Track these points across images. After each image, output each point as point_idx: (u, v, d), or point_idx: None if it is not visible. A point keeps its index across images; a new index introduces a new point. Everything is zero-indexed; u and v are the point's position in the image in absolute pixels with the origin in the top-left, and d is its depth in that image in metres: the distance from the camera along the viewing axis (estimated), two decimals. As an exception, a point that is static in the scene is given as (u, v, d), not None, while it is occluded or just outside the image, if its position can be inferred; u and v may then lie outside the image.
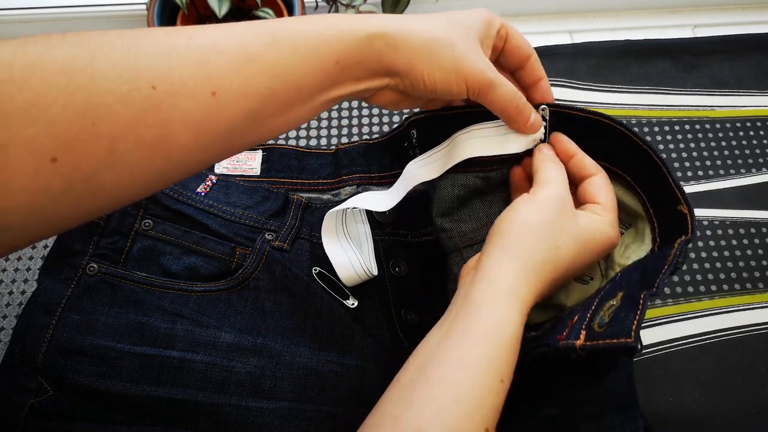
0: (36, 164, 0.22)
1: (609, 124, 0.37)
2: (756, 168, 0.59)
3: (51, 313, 0.37)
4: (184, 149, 0.26)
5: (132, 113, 0.24)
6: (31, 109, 0.22)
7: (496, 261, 0.33)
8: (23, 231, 0.24)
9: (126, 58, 0.24)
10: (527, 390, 0.39)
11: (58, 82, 0.23)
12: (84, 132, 0.23)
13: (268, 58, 0.28)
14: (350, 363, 0.39)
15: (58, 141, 0.23)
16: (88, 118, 0.23)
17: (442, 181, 0.41)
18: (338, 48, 0.30)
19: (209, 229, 0.42)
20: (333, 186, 0.48)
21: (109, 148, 0.24)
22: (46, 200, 0.23)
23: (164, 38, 0.26)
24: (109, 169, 0.24)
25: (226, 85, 0.26)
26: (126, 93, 0.24)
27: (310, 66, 0.29)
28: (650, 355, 0.50)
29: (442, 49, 0.32)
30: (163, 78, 0.25)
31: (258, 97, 0.28)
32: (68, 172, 0.23)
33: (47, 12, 0.66)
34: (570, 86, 0.64)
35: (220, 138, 0.27)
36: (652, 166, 0.35)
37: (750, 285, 0.53)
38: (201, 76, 0.26)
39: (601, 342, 0.28)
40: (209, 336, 0.38)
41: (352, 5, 0.56)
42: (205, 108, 0.26)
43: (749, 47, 0.67)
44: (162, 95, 0.25)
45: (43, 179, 0.23)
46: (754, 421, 0.47)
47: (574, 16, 0.73)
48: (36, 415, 0.35)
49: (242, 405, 0.36)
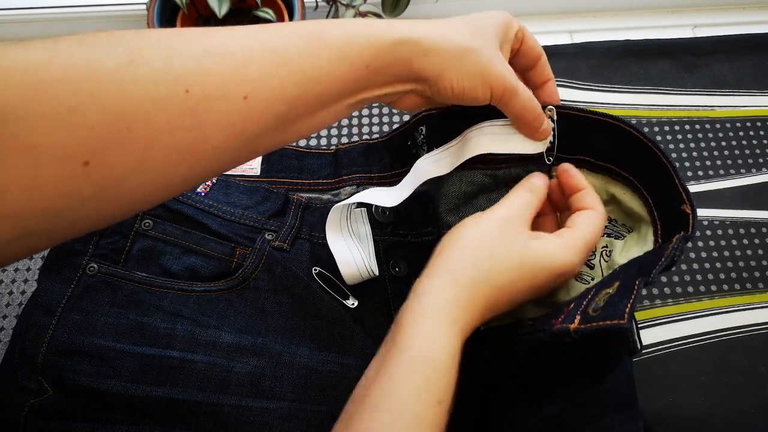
0: (68, 168, 0.22)
1: (616, 124, 0.36)
2: (756, 168, 0.59)
3: (51, 313, 0.37)
4: (215, 152, 0.26)
5: (168, 118, 0.24)
6: (65, 113, 0.22)
7: (429, 279, 0.32)
8: (47, 235, 0.24)
9: (162, 62, 0.24)
10: (528, 389, 0.39)
11: (93, 87, 0.22)
12: (119, 137, 0.23)
13: (299, 63, 0.28)
14: (350, 363, 0.39)
15: (92, 145, 0.22)
16: (123, 122, 0.23)
17: (450, 178, 0.41)
18: (368, 53, 0.30)
19: (209, 229, 0.42)
20: (333, 186, 0.48)
21: (143, 153, 0.24)
22: (75, 204, 0.23)
23: (199, 40, 0.26)
24: (140, 173, 0.24)
25: (259, 88, 0.26)
26: (163, 97, 0.24)
27: (340, 70, 0.29)
28: (650, 355, 0.50)
29: (470, 55, 0.32)
30: (198, 82, 0.25)
31: (288, 100, 0.28)
32: (99, 177, 0.23)
33: (47, 12, 0.66)
34: (570, 86, 0.64)
35: (249, 140, 0.27)
36: (660, 166, 0.35)
37: (750, 285, 0.53)
38: (234, 80, 0.26)
39: (595, 324, 0.28)
40: (209, 336, 0.38)
41: (352, 5, 0.56)
42: (237, 111, 0.26)
43: (749, 47, 0.67)
44: (197, 99, 0.25)
45: (73, 183, 0.22)
46: (754, 421, 0.47)
47: (574, 16, 0.73)
48: (36, 415, 0.35)
49: (242, 405, 0.36)
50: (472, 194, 0.42)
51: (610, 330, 0.27)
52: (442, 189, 0.42)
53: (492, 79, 0.33)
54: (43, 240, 0.24)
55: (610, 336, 0.28)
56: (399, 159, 0.48)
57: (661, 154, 0.34)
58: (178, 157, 0.25)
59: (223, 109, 0.25)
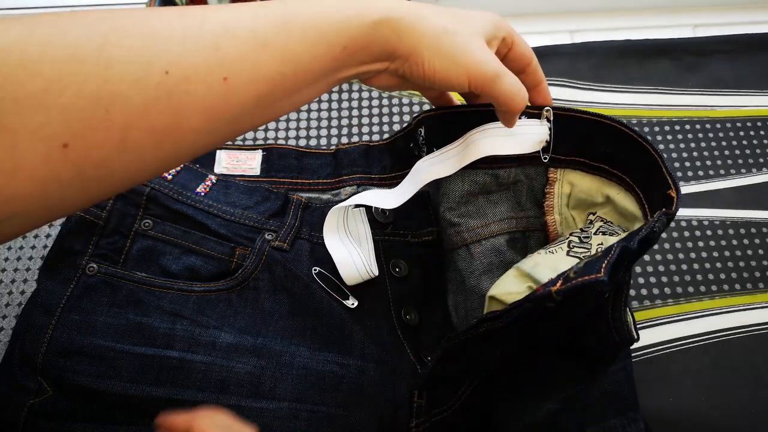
0: (46, 151, 0.22)
1: (608, 123, 0.37)
2: (756, 168, 0.59)
3: (50, 313, 0.37)
4: (194, 134, 0.26)
5: (145, 99, 0.24)
6: (42, 95, 0.21)
7: None
8: (28, 218, 0.24)
9: (139, 42, 0.24)
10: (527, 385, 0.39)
11: (71, 68, 0.22)
12: (96, 119, 0.23)
13: (279, 43, 0.28)
14: (350, 363, 0.39)
15: (70, 128, 0.22)
16: (101, 104, 0.23)
17: (453, 176, 0.41)
18: (347, 33, 0.30)
19: (209, 229, 0.42)
20: (333, 186, 0.48)
21: (122, 135, 0.24)
22: (55, 187, 0.23)
23: (177, 20, 0.25)
24: (120, 155, 0.24)
25: (238, 70, 0.26)
26: (139, 79, 0.23)
27: (319, 51, 0.29)
28: (650, 355, 0.50)
29: (445, 36, 0.32)
30: (176, 63, 0.24)
31: (268, 81, 0.28)
32: (79, 159, 0.23)
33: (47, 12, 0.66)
34: (570, 86, 0.64)
35: (229, 122, 0.27)
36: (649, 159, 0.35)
37: (750, 285, 0.53)
38: (213, 62, 0.26)
39: (573, 282, 0.28)
40: (209, 336, 0.38)
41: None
42: (217, 93, 0.26)
43: (750, 47, 0.67)
44: (175, 80, 0.24)
45: (53, 167, 0.22)
46: (755, 421, 0.47)
47: (575, 16, 0.73)
48: (35, 416, 0.35)
49: (242, 405, 0.36)
50: (473, 193, 0.42)
51: (588, 285, 0.28)
52: (443, 188, 0.43)
53: (470, 64, 0.32)
54: (24, 225, 0.24)
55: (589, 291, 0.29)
56: (399, 161, 0.48)
57: (649, 146, 0.35)
58: (157, 139, 0.25)
59: (201, 91, 0.25)
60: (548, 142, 0.39)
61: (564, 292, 0.29)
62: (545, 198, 0.42)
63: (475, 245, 0.42)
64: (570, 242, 0.38)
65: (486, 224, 0.43)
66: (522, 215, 0.43)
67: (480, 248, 0.42)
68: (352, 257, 0.41)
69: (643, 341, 0.50)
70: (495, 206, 0.43)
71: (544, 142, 0.39)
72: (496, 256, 0.42)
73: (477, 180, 0.42)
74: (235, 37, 0.26)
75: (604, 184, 0.39)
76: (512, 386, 0.40)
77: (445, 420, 0.39)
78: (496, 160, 0.41)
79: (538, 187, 0.42)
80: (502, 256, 0.42)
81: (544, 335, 0.37)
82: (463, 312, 0.43)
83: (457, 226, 0.43)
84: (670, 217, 0.32)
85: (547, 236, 0.43)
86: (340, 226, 0.42)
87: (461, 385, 0.39)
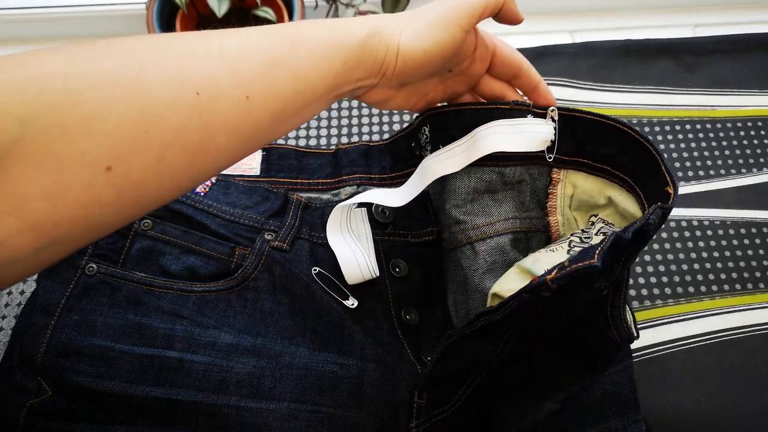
0: (91, 176, 0.22)
1: (611, 124, 0.37)
2: (756, 168, 0.59)
3: (50, 314, 0.37)
4: (219, 151, 0.27)
5: (180, 120, 0.25)
6: (88, 121, 0.22)
7: None
8: (65, 245, 0.24)
9: (172, 66, 0.25)
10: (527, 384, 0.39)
11: (114, 93, 0.23)
12: (137, 141, 0.24)
13: (290, 62, 0.29)
14: (350, 363, 0.39)
15: (114, 151, 0.23)
16: (142, 127, 0.24)
17: (459, 174, 0.42)
18: (344, 50, 0.32)
19: (209, 229, 0.42)
20: (333, 186, 0.48)
21: (159, 155, 0.25)
22: (96, 211, 0.23)
23: (200, 44, 0.27)
24: (155, 174, 0.25)
25: (258, 89, 0.28)
26: (175, 100, 0.25)
27: (324, 68, 0.31)
28: (650, 356, 0.49)
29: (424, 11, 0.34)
30: (205, 83, 0.26)
31: (283, 98, 0.29)
32: (120, 182, 0.24)
33: (47, 12, 0.66)
34: (571, 86, 0.64)
35: (247, 139, 0.29)
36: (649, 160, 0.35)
37: (750, 285, 0.53)
38: (236, 81, 0.27)
39: (567, 269, 0.29)
40: (208, 336, 0.38)
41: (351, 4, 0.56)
42: (240, 111, 0.27)
43: (750, 46, 0.67)
44: (205, 100, 0.26)
45: (96, 191, 0.23)
46: (755, 421, 0.47)
47: (575, 16, 0.73)
48: (35, 416, 0.35)
49: (241, 405, 0.36)
50: (479, 190, 0.42)
51: (582, 272, 0.28)
52: (449, 185, 0.43)
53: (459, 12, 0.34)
54: (63, 249, 0.24)
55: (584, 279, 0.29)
56: (400, 161, 0.48)
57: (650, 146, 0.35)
58: (189, 158, 0.26)
59: (226, 109, 0.27)
60: (553, 141, 0.39)
61: (559, 279, 0.29)
62: (548, 198, 0.42)
63: (479, 243, 0.42)
64: (571, 242, 0.38)
65: (491, 223, 0.43)
66: (525, 216, 0.43)
67: (485, 246, 0.42)
68: (355, 256, 0.41)
69: (644, 341, 0.50)
70: (500, 205, 0.43)
71: (549, 141, 0.39)
72: (500, 255, 0.42)
73: (483, 177, 0.42)
74: (251, 57, 0.28)
75: (606, 185, 0.39)
76: (512, 386, 0.40)
77: (445, 420, 0.39)
78: (502, 158, 0.41)
79: (541, 187, 0.42)
80: (505, 255, 0.42)
81: (543, 333, 0.37)
82: (464, 311, 0.43)
83: (463, 223, 0.43)
84: (665, 210, 0.32)
85: (549, 237, 0.43)
86: (343, 225, 0.42)
87: (461, 386, 0.39)
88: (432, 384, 0.39)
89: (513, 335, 0.37)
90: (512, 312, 0.32)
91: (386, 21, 0.34)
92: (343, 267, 0.41)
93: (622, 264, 0.32)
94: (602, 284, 0.33)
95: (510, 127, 0.39)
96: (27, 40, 0.69)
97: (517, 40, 0.69)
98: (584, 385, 0.38)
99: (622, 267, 0.33)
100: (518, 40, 0.69)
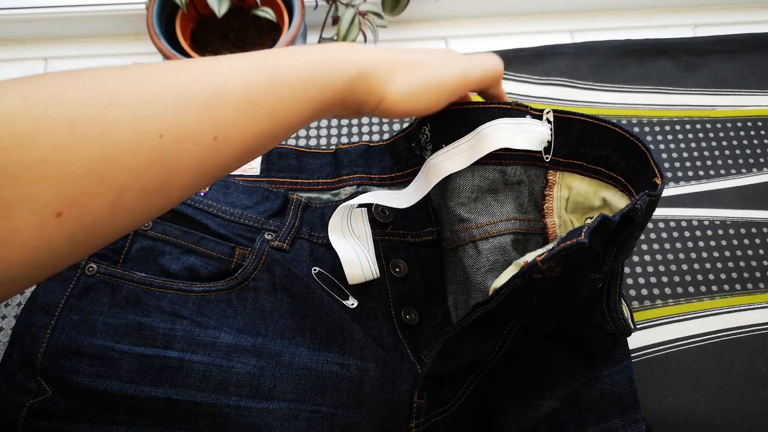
0: (40, 221, 0.22)
1: (602, 125, 0.38)
2: (756, 168, 0.59)
3: (50, 314, 0.37)
4: (183, 189, 0.27)
5: (139, 163, 0.24)
6: (38, 166, 0.21)
7: None
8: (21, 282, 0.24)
9: (135, 107, 0.24)
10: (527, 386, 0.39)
11: (68, 136, 0.22)
12: (91, 185, 0.22)
13: (268, 103, 0.28)
14: (350, 363, 0.39)
15: (65, 197, 0.22)
16: (97, 172, 0.22)
17: (462, 172, 0.42)
18: (327, 93, 0.31)
19: (209, 229, 0.42)
20: (333, 186, 0.48)
21: (115, 199, 0.24)
22: (47, 254, 0.23)
23: (170, 81, 0.26)
24: (111, 216, 0.24)
25: (229, 129, 0.27)
26: (135, 145, 0.24)
27: (303, 107, 0.30)
28: (650, 356, 0.50)
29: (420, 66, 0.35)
30: (170, 126, 0.25)
31: (255, 137, 0.29)
32: (72, 226, 0.23)
33: (47, 12, 0.66)
34: (571, 86, 0.64)
35: (215, 175, 0.28)
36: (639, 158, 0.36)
37: (750, 285, 0.53)
38: (205, 122, 0.26)
39: (556, 249, 0.30)
40: (208, 336, 0.38)
41: (351, 5, 0.56)
42: (207, 151, 0.26)
43: (750, 47, 0.67)
44: (168, 143, 0.25)
45: (46, 235, 0.22)
46: (755, 421, 0.47)
47: (575, 16, 0.73)
48: (35, 416, 0.35)
49: (241, 405, 0.36)
50: (483, 189, 0.43)
51: (571, 250, 0.29)
52: (453, 183, 0.43)
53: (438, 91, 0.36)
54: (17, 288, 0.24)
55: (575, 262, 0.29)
56: (400, 161, 0.48)
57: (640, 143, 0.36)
58: (148, 199, 0.25)
59: (192, 151, 0.26)
60: (549, 142, 0.40)
61: (549, 260, 0.30)
62: (545, 200, 0.43)
63: (482, 242, 0.43)
64: None
65: (494, 222, 0.43)
66: (524, 218, 0.43)
67: (488, 245, 0.42)
68: (357, 256, 0.41)
69: (644, 341, 0.50)
70: (502, 206, 0.44)
71: (546, 142, 0.40)
72: (501, 255, 0.42)
73: (486, 176, 0.42)
74: (226, 96, 0.27)
75: (601, 186, 0.40)
76: (512, 385, 0.40)
77: (445, 420, 0.39)
78: (504, 156, 0.42)
79: (538, 189, 0.43)
80: (507, 255, 0.42)
81: (541, 328, 0.37)
82: (464, 311, 0.43)
83: (467, 221, 0.43)
84: (653, 198, 0.32)
85: (546, 239, 0.43)
86: (344, 225, 0.43)
87: (461, 385, 0.39)
88: (432, 384, 0.39)
89: (511, 330, 0.37)
90: (507, 300, 0.33)
91: (378, 64, 0.33)
92: (345, 267, 0.41)
93: (615, 254, 0.33)
94: (596, 276, 0.33)
95: (513, 125, 0.40)
96: (27, 41, 0.69)
97: (517, 40, 0.69)
98: (584, 383, 0.38)
99: (615, 258, 0.33)
100: (518, 40, 0.69)
